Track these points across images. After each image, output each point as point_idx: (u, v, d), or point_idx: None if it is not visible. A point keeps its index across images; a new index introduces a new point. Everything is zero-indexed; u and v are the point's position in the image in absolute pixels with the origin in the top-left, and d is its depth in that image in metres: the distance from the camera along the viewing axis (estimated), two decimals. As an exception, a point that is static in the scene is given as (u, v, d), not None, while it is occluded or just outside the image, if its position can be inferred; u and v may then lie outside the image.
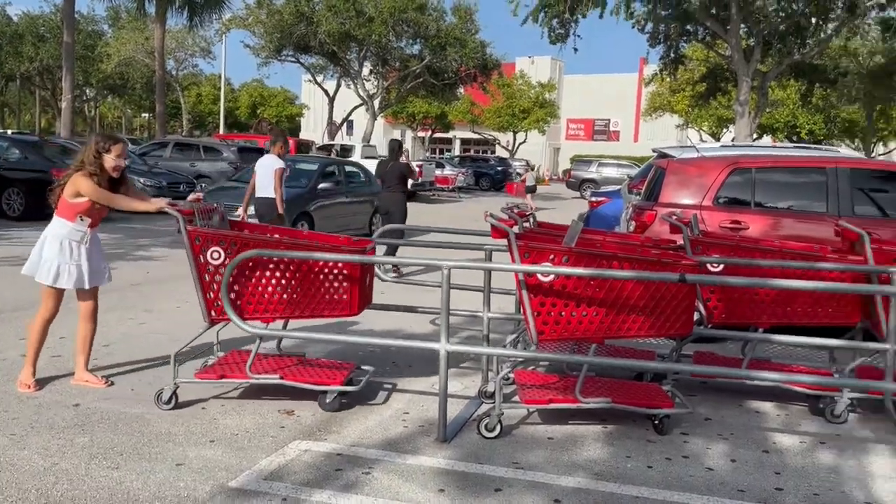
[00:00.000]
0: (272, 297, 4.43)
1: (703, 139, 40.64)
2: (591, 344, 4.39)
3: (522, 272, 4.13)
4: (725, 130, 41.42)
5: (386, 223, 10.03)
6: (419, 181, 23.63)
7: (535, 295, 4.16)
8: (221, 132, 38.58)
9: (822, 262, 4.95)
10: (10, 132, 23.88)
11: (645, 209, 6.90)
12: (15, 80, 47.01)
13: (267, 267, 4.41)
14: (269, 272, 4.41)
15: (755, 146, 10.40)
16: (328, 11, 26.21)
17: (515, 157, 46.39)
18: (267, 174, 8.63)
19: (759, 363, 5.34)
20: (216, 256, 4.41)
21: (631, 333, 4.23)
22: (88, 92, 50.55)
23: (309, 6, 27.03)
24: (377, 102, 30.73)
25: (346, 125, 35.65)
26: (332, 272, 4.42)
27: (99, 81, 45.55)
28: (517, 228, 4.31)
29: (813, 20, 18.61)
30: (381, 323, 6.49)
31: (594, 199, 12.17)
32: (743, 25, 18.52)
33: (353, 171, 14.21)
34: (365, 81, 29.97)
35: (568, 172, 39.87)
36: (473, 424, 4.38)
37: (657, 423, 4.41)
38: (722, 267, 5.01)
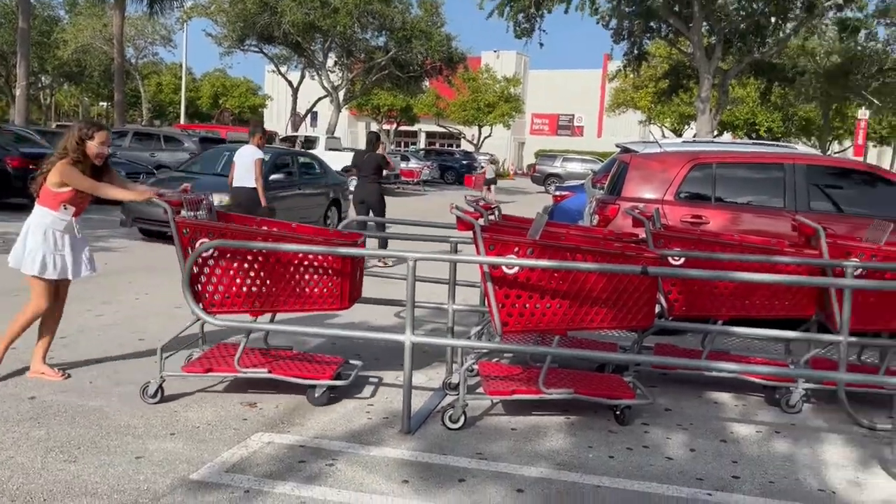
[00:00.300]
0: (260, 290, 4.37)
1: (665, 135, 41.17)
2: (554, 336, 4.43)
3: (487, 264, 4.15)
4: (687, 127, 42.04)
5: (361, 213, 10.11)
6: (392, 172, 23.63)
7: (499, 287, 4.18)
8: (182, 122, 37.97)
9: (779, 255, 5.06)
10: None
11: (608, 203, 6.97)
12: (-33, 65, 45.64)
13: (252, 260, 4.34)
14: (254, 265, 4.35)
15: (716, 142, 10.59)
16: (292, 1, 25.93)
17: (480, 150, 46.50)
18: (246, 165, 8.70)
19: (717, 355, 5.45)
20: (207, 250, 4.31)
21: (594, 325, 4.28)
22: (44, 79, 49.28)
23: (273, -5, 26.71)
24: (342, 94, 30.54)
25: (309, 116, 35.37)
26: (321, 266, 4.37)
27: (55, 69, 44.42)
28: (482, 221, 4.33)
29: (772, 19, 18.97)
30: (346, 315, 6.45)
31: (558, 193, 12.25)
32: (705, 23, 18.80)
33: (307, 162, 13.68)
34: (329, 73, 29.76)
35: (533, 167, 40.09)
36: (437, 416, 4.39)
37: (619, 413, 4.48)
38: (683, 260, 5.09)
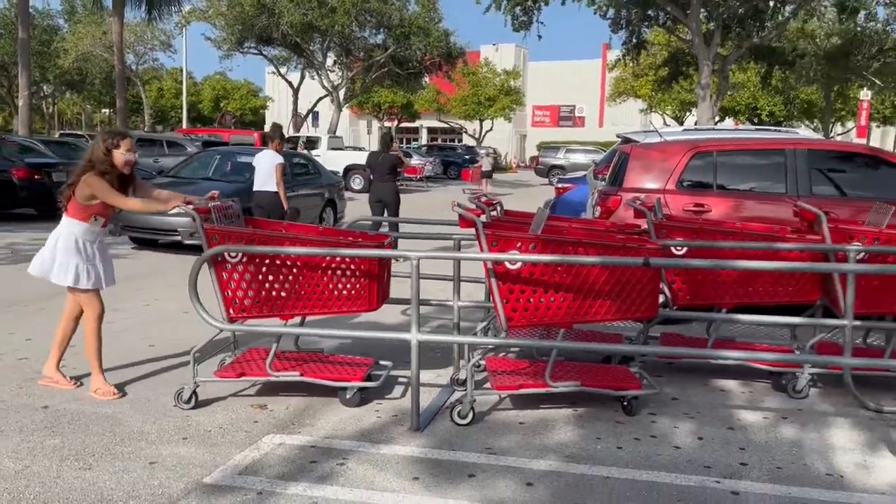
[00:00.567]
0: (289, 294, 4.40)
1: (666, 123, 41.08)
2: (559, 329, 4.46)
3: (490, 261, 4.18)
4: (688, 114, 41.96)
5: (377, 212, 10.24)
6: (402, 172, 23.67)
7: (503, 282, 4.22)
8: (184, 127, 38.06)
9: (781, 242, 5.08)
10: (-35, 131, 23.33)
11: (610, 194, 6.99)
12: (-32, 77, 45.79)
13: (280, 265, 4.37)
14: (282, 269, 4.38)
15: (717, 129, 10.58)
16: (290, 2, 25.94)
17: (482, 144, 46.50)
18: (266, 169, 8.86)
19: (723, 343, 5.47)
20: (234, 254, 4.36)
21: (598, 317, 4.31)
22: (46, 88, 49.41)
23: (270, -3, 26.72)
24: (342, 93, 30.56)
25: (311, 117, 35.41)
26: (348, 268, 4.39)
27: (56, 77, 44.52)
28: (484, 217, 4.36)
29: (771, 3, 18.92)
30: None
31: (560, 185, 12.27)
32: (703, 10, 18.75)
33: (301, 162, 13.51)
34: (329, 72, 29.77)
35: (535, 159, 40.06)
36: (446, 412, 4.44)
37: (626, 404, 4.51)
38: (685, 250, 5.12)
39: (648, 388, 4.58)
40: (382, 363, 4.93)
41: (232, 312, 4.44)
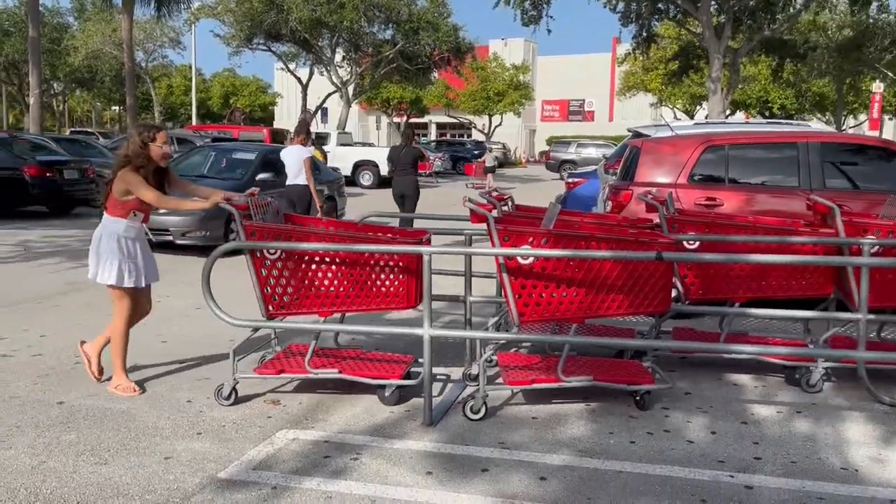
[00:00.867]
0: (327, 290, 4.40)
1: (676, 117, 40.91)
2: (571, 324, 4.46)
3: (502, 255, 4.18)
4: (699, 107, 41.74)
5: (400, 205, 10.58)
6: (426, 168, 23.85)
7: (515, 277, 4.21)
8: (194, 123, 38.17)
9: (794, 236, 5.05)
10: (-23, 129, 23.49)
11: (621, 189, 6.97)
12: (-21, 75, 46.10)
13: (319, 261, 4.37)
14: (316, 266, 4.38)
15: (728, 123, 10.53)
16: (298, -2, 25.96)
17: (491, 139, 46.45)
18: (294, 164, 9.10)
19: (736, 337, 5.45)
20: (272, 251, 4.36)
21: (610, 312, 4.30)
22: (56, 86, 49.72)
23: (278, -7, 26.75)
24: (351, 89, 30.57)
25: (320, 113, 35.41)
26: (387, 265, 4.38)
27: (66, 75, 44.79)
28: (496, 212, 4.35)
29: (782, -5, 18.77)
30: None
31: (571, 180, 12.24)
32: (713, 2, 18.63)
33: None
34: (338, 68, 29.78)
35: (547, 154, 40.00)
36: (459, 407, 4.44)
37: (639, 398, 4.50)
38: (698, 244, 5.10)
39: (661, 382, 4.57)
40: (421, 360, 4.90)
41: (271, 309, 4.43)
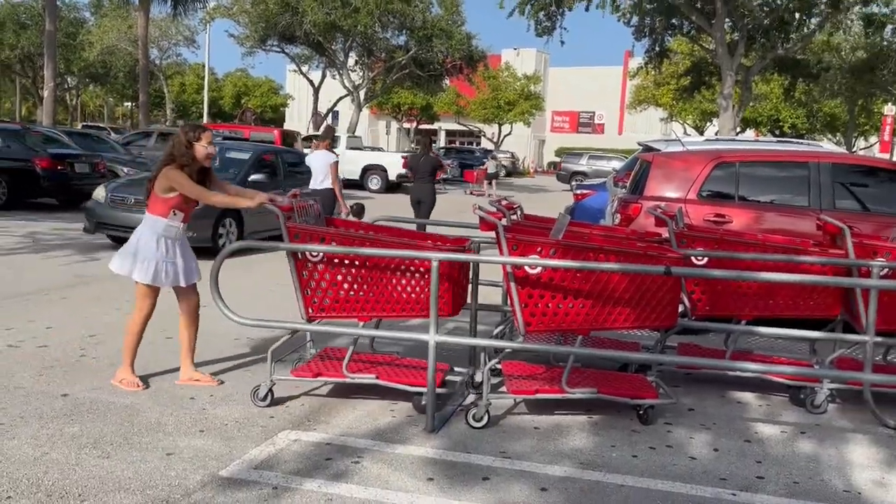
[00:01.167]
0: (367, 295, 4.38)
1: (686, 132, 40.91)
2: (577, 335, 4.45)
3: (511, 264, 4.18)
4: (709, 124, 41.75)
5: (416, 211, 10.97)
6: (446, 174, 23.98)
7: (522, 287, 4.21)
8: (205, 122, 38.32)
9: (803, 255, 5.04)
10: (-10, 120, 23.65)
11: (630, 202, 6.97)
12: (-6, 67, 46.40)
13: (360, 266, 4.34)
14: (361, 271, 4.35)
15: (739, 140, 10.53)
16: (314, 1, 26.07)
17: (500, 148, 46.50)
18: (319, 168, 9.35)
19: (741, 354, 5.43)
20: (315, 254, 4.34)
21: (617, 325, 4.29)
22: (70, 80, 50.00)
23: (294, -4, 26.88)
24: (362, 93, 30.66)
25: (330, 116, 35.52)
26: (428, 271, 4.31)
27: (81, 70, 45.05)
28: (505, 221, 4.36)
29: (797, 15, 18.79)
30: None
31: (579, 191, 12.25)
32: (727, 20, 18.65)
33: (296, 161, 12.63)
34: (350, 72, 29.88)
35: (558, 165, 40.04)
36: (461, 415, 4.44)
37: (642, 413, 4.49)
38: (706, 260, 5.09)
39: (665, 397, 4.56)
40: (457, 369, 4.85)
41: (311, 311, 4.41)
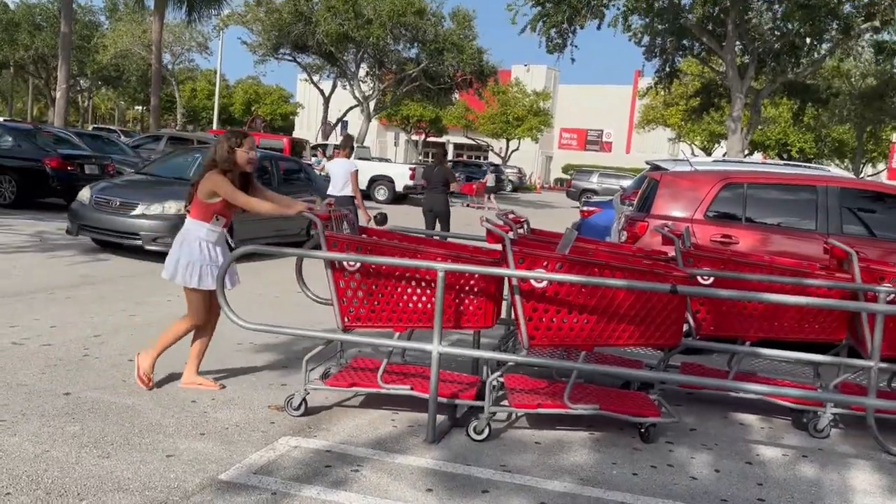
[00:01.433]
0: (405, 305, 4.37)
1: (694, 153, 40.95)
2: (580, 350, 4.44)
3: (516, 277, 4.18)
4: (717, 145, 41.78)
5: (429, 221, 11.43)
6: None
7: (527, 300, 4.21)
8: (215, 128, 38.51)
9: (810, 278, 5.03)
10: (1, 119, 23.79)
11: (637, 220, 6.97)
12: (8, 67, 46.76)
13: (392, 276, 4.34)
14: (395, 281, 4.35)
15: (747, 162, 10.54)
16: (327, 12, 26.28)
17: (508, 163, 46.59)
18: (340, 175, 9.59)
19: (744, 376, 5.42)
20: (352, 263, 4.32)
21: (621, 342, 4.29)
22: (83, 82, 50.34)
23: (308, 6, 27.10)
24: (372, 104, 30.81)
25: (340, 125, 35.67)
26: (467, 284, 4.33)
27: (94, 72, 45.36)
28: (512, 234, 4.36)
29: (807, 40, 18.82)
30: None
31: (586, 208, 12.26)
32: (738, 43, 18.72)
33: (291, 167, 12.42)
34: (361, 83, 30.04)
35: (568, 182, 40.12)
36: (462, 426, 4.42)
37: (643, 431, 4.47)
38: (712, 280, 5.08)
39: (667, 416, 4.54)
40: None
41: (346, 321, 4.39)
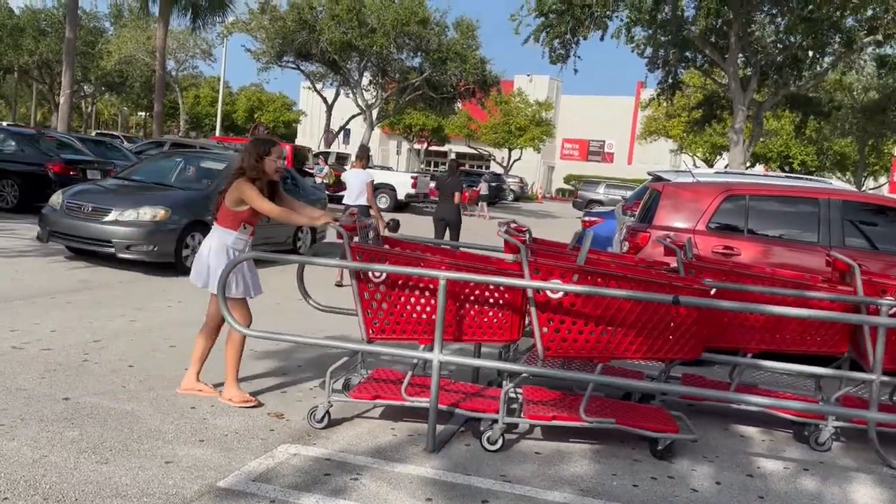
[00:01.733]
0: (429, 317, 4.33)
1: (696, 165, 40.99)
2: (597, 363, 4.38)
3: (532, 288, 4.14)
4: (719, 157, 41.81)
5: (440, 230, 11.64)
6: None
7: (542, 311, 4.17)
8: (217, 135, 38.56)
9: (812, 290, 5.01)
10: (4, 124, 23.83)
11: (639, 231, 6.97)
12: (13, 72, 46.87)
13: (424, 288, 4.31)
14: (420, 293, 4.33)
15: (748, 174, 10.54)
16: (331, 20, 26.34)
17: (509, 173, 46.64)
18: (356, 185, 9.76)
19: (746, 388, 5.39)
20: (377, 274, 4.30)
21: (638, 355, 4.24)
22: (86, 88, 50.43)
23: (312, 14, 27.16)
24: (375, 112, 30.83)
25: (342, 133, 35.72)
26: (492, 296, 4.32)
27: (98, 78, 45.44)
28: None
29: (810, 53, 18.85)
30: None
31: (587, 218, 12.27)
32: (741, 55, 18.74)
33: (284, 175, 11.90)
34: (364, 91, 30.09)
35: (574, 192, 40.21)
36: (461, 436, 4.41)
37: (661, 448, 4.36)
38: (714, 291, 5.06)
39: (686, 432, 4.47)
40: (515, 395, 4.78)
41: (371, 333, 4.37)
